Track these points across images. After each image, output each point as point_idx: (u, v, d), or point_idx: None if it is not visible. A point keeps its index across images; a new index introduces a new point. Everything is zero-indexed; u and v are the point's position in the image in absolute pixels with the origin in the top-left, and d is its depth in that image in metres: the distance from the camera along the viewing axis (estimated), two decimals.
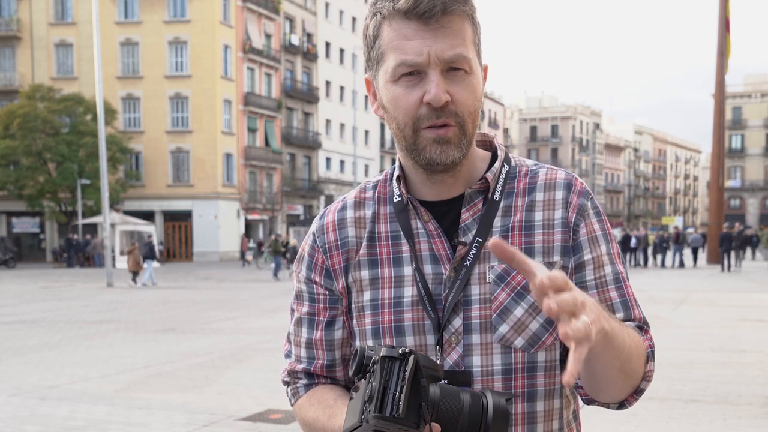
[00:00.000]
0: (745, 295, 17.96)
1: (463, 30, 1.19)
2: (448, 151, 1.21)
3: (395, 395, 0.95)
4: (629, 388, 1.21)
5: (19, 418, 6.61)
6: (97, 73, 24.37)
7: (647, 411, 6.37)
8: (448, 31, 1.17)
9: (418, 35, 1.17)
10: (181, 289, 22.42)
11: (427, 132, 1.21)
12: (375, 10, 1.22)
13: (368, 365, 1.00)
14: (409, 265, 1.27)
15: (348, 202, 1.37)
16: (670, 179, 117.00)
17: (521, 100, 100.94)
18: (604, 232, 1.28)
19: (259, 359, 9.49)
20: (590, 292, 1.25)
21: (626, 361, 1.14)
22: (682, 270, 30.64)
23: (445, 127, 1.20)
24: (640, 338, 1.21)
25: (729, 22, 34.08)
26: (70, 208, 42.01)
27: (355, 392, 1.08)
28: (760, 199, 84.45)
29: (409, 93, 1.19)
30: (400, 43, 1.18)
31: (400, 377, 0.96)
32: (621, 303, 1.26)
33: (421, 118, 1.20)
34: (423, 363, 0.97)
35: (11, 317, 14.81)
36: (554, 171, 1.31)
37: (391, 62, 1.19)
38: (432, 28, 1.16)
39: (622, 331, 1.11)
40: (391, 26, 1.19)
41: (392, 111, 1.23)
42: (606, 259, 1.27)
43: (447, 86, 1.18)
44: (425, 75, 1.18)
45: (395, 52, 1.19)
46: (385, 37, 1.20)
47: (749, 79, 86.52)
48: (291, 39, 51.35)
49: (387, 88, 1.22)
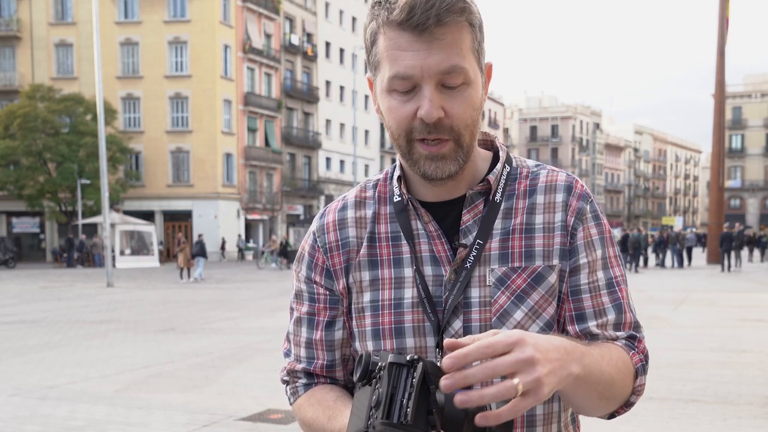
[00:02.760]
0: (745, 295, 17.97)
1: (460, 40, 1.16)
2: (444, 166, 1.20)
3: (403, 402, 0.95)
4: (615, 406, 1.21)
5: (19, 418, 6.61)
6: (97, 73, 24.37)
7: (647, 411, 6.38)
8: (443, 43, 1.14)
9: (411, 47, 1.14)
10: (181, 289, 22.42)
11: (420, 146, 1.19)
12: (373, 15, 1.20)
13: (374, 371, 1.00)
14: (410, 266, 1.27)
15: (348, 202, 1.36)
16: (670, 179, 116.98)
17: (521, 100, 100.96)
18: (601, 237, 1.28)
19: (259, 359, 9.49)
20: (583, 296, 1.25)
21: (607, 388, 1.13)
22: (681, 270, 30.62)
23: (438, 144, 1.18)
24: (626, 358, 1.20)
25: (728, 22, 34.10)
26: (70, 208, 42.01)
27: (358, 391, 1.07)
28: (760, 199, 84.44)
29: (402, 106, 1.18)
30: (393, 54, 1.16)
31: (408, 384, 0.96)
32: (614, 307, 1.25)
33: (414, 131, 1.18)
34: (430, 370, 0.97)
35: (11, 317, 14.81)
36: (555, 173, 1.31)
37: (386, 73, 1.18)
38: (426, 40, 1.14)
39: (599, 363, 1.10)
40: (386, 35, 1.17)
41: (387, 120, 1.22)
42: (600, 264, 1.26)
43: (442, 101, 1.16)
44: (419, 88, 1.16)
45: (389, 63, 1.17)
46: (381, 46, 1.18)
47: (749, 79, 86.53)
48: (291, 39, 51.34)
49: (383, 97, 1.21)
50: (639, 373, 1.22)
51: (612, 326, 1.24)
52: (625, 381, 1.19)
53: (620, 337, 1.24)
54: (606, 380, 1.12)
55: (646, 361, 1.24)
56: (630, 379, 1.20)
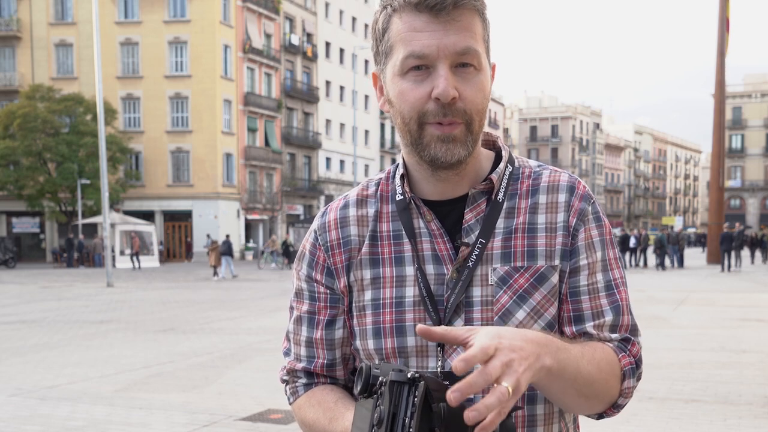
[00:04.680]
0: (745, 295, 17.97)
1: (474, 25, 1.18)
2: (454, 149, 1.20)
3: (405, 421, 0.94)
4: (601, 407, 1.21)
5: (19, 418, 6.61)
6: (97, 73, 24.37)
7: (647, 411, 6.38)
8: (459, 25, 1.16)
9: (428, 27, 1.16)
10: (181, 289, 22.41)
11: (432, 128, 1.19)
12: (385, 3, 1.21)
13: (374, 384, 0.99)
14: (411, 264, 1.26)
15: (350, 200, 1.36)
16: (670, 179, 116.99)
17: (521, 100, 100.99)
18: (601, 238, 1.28)
19: (259, 359, 9.48)
20: (582, 297, 1.25)
21: (585, 386, 1.13)
22: (682, 270, 30.63)
23: (451, 125, 1.19)
24: (612, 359, 1.20)
25: (729, 23, 34.10)
26: (70, 208, 42.01)
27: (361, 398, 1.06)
28: (760, 199, 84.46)
29: (417, 87, 1.18)
30: (409, 35, 1.17)
31: (410, 402, 0.95)
32: (612, 309, 1.25)
33: (427, 114, 1.19)
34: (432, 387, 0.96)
35: (11, 317, 14.80)
36: (557, 173, 1.31)
37: (400, 54, 1.19)
38: (442, 21, 1.16)
39: (577, 360, 1.10)
40: (401, 18, 1.18)
41: (398, 105, 1.22)
42: (600, 266, 1.26)
43: (456, 83, 1.17)
44: (434, 69, 1.17)
45: (404, 44, 1.18)
46: (395, 30, 1.20)
47: (749, 79, 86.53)
48: (291, 39, 51.35)
49: (394, 82, 1.21)
50: (627, 375, 1.21)
51: (608, 328, 1.24)
52: (609, 382, 1.18)
53: (614, 339, 1.24)
54: (584, 378, 1.12)
55: (637, 366, 1.23)
56: (615, 380, 1.19)
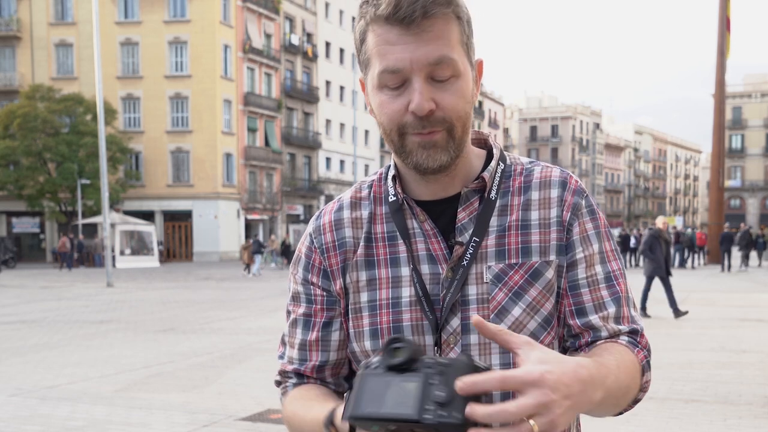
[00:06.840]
0: (745, 295, 17.97)
1: (448, 32, 1.16)
2: (435, 155, 1.20)
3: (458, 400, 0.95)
4: (625, 407, 1.23)
5: (19, 418, 6.61)
6: (97, 73, 24.37)
7: (647, 411, 6.37)
8: (431, 35, 1.15)
9: (400, 40, 1.15)
10: (181, 289, 22.42)
11: (412, 137, 1.20)
12: (361, 13, 1.20)
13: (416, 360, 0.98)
14: (406, 265, 1.27)
15: (344, 203, 1.36)
16: (670, 179, 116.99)
17: (521, 100, 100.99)
18: (597, 231, 1.28)
19: (259, 359, 9.48)
20: (582, 290, 1.25)
21: (622, 397, 1.15)
22: (682, 270, 30.62)
23: (431, 134, 1.19)
24: (633, 358, 1.20)
25: (729, 22, 34.10)
26: (70, 208, 42.03)
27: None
28: (760, 199, 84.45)
29: (394, 101, 1.18)
30: (382, 49, 1.17)
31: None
32: (613, 300, 1.25)
33: (407, 125, 1.19)
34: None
35: (11, 317, 14.81)
36: (549, 169, 1.31)
37: (376, 68, 1.18)
38: (413, 33, 1.14)
39: (617, 375, 1.10)
40: (374, 32, 1.17)
41: (379, 116, 1.22)
42: (597, 258, 1.27)
43: (432, 93, 1.16)
44: (409, 82, 1.16)
45: (379, 59, 1.17)
46: (370, 43, 1.19)
47: (749, 79, 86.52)
48: (291, 39, 51.37)
49: (374, 95, 1.22)
50: (645, 369, 1.23)
51: (613, 319, 1.25)
52: (636, 382, 1.20)
53: (623, 331, 1.24)
54: (623, 390, 1.13)
55: (649, 356, 1.25)
56: (639, 378, 1.21)
